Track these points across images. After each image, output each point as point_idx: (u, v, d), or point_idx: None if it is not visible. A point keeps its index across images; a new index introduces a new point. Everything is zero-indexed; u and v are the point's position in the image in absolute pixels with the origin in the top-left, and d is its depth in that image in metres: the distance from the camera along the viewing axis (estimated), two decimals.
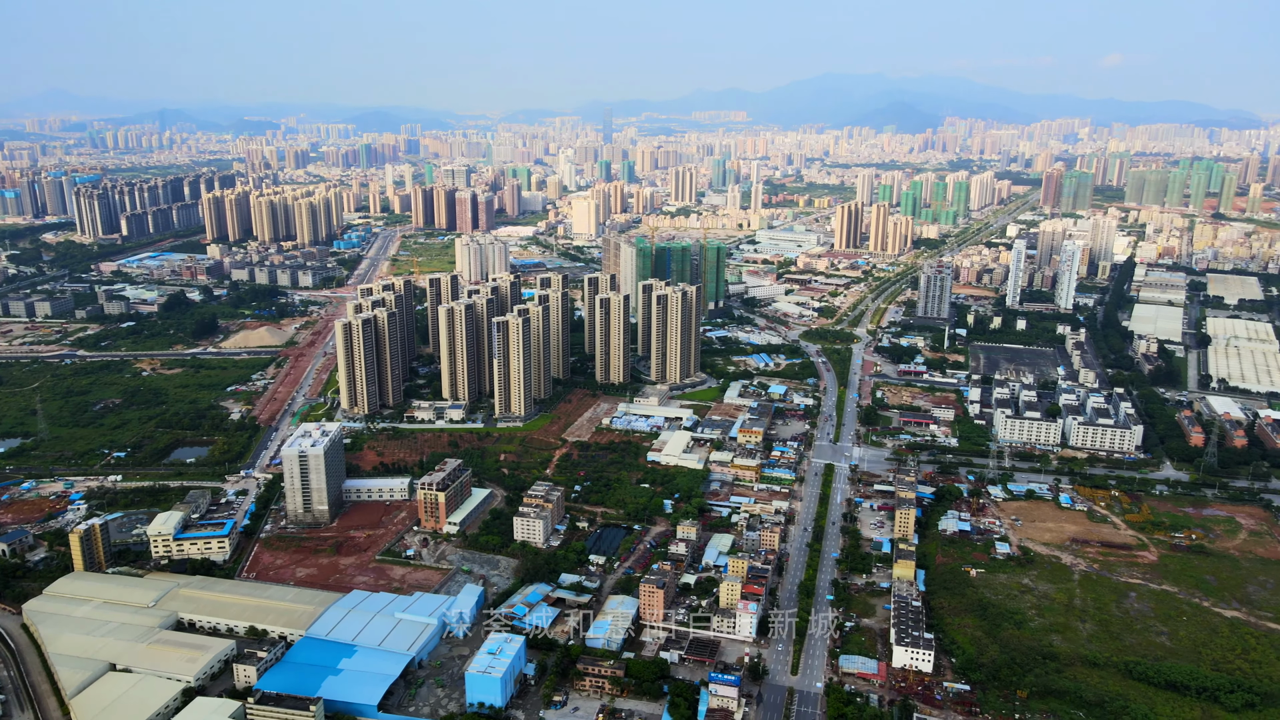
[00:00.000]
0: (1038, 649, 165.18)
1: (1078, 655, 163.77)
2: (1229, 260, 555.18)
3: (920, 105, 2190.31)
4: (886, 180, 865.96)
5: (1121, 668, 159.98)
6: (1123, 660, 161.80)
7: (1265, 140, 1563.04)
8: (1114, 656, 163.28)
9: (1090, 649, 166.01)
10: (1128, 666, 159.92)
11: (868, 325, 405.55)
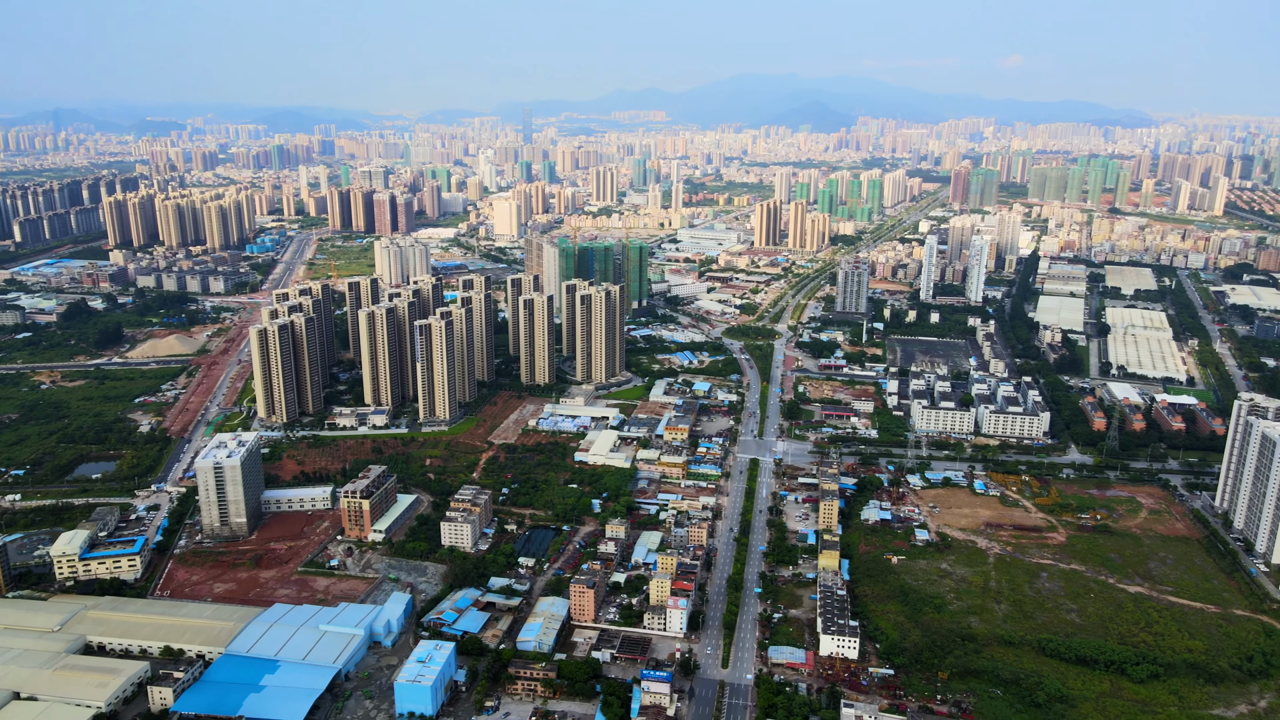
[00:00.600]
0: (957, 631, 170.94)
1: (994, 635, 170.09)
2: (1125, 253, 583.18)
3: (834, 105, 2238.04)
4: (803, 178, 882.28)
5: (1035, 645, 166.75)
6: (1036, 638, 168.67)
7: (1155, 138, 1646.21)
8: (1028, 635, 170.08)
9: (1006, 629, 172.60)
10: (1041, 644, 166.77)
11: (789, 321, 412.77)
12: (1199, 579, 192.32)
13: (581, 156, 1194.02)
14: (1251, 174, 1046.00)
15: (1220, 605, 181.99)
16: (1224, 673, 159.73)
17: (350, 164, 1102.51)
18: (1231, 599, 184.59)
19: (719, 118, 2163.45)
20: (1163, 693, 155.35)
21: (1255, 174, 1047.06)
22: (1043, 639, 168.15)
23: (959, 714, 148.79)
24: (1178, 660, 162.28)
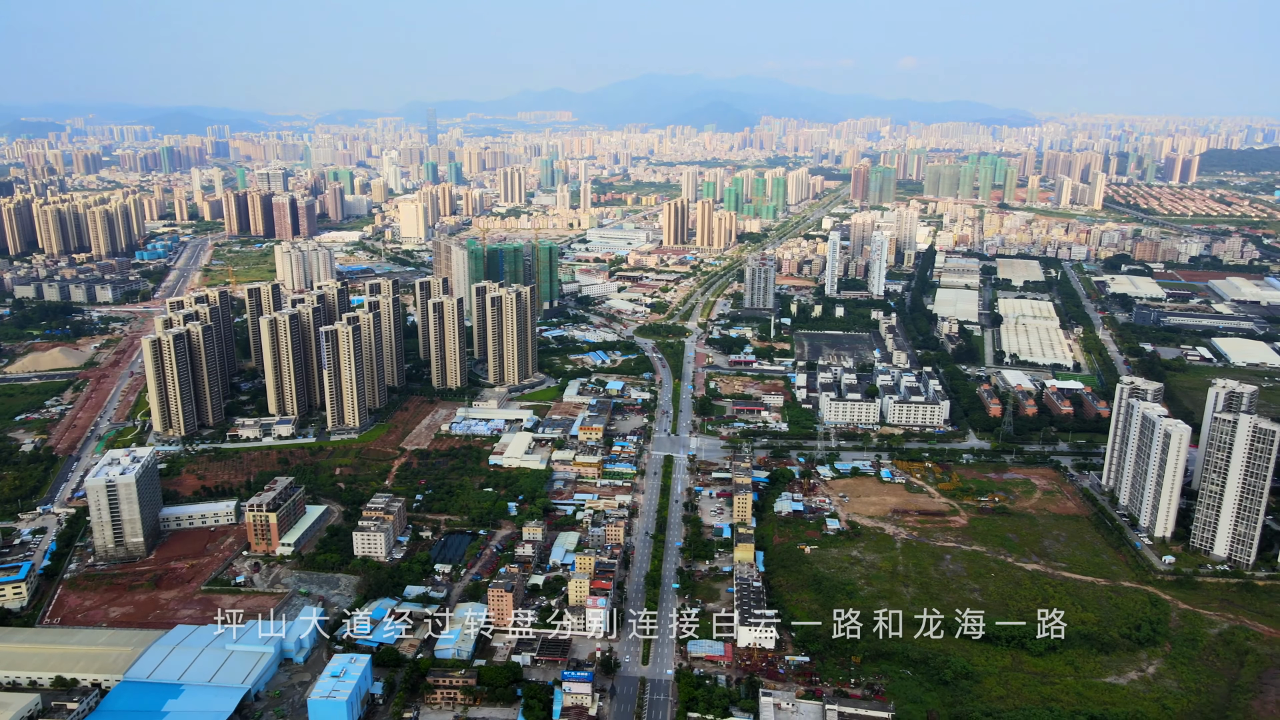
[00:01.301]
0: (868, 616, 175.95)
1: (903, 618, 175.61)
2: (1014, 246, 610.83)
3: (737, 105, 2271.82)
4: (710, 177, 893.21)
5: (943, 625, 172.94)
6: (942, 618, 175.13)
7: (1039, 136, 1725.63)
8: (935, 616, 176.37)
9: (914, 611, 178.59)
10: (949, 624, 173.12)
11: (698, 319, 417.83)
12: (1089, 554, 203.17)
13: (488, 157, 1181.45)
14: (1127, 170, 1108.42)
15: (1109, 578, 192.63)
16: (1115, 642, 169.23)
17: (247, 166, 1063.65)
18: (1119, 572, 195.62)
19: (625, 118, 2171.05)
20: (1060, 664, 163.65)
21: (1130, 170, 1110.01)
22: (948, 618, 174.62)
23: (872, 695, 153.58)
24: (1072, 632, 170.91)
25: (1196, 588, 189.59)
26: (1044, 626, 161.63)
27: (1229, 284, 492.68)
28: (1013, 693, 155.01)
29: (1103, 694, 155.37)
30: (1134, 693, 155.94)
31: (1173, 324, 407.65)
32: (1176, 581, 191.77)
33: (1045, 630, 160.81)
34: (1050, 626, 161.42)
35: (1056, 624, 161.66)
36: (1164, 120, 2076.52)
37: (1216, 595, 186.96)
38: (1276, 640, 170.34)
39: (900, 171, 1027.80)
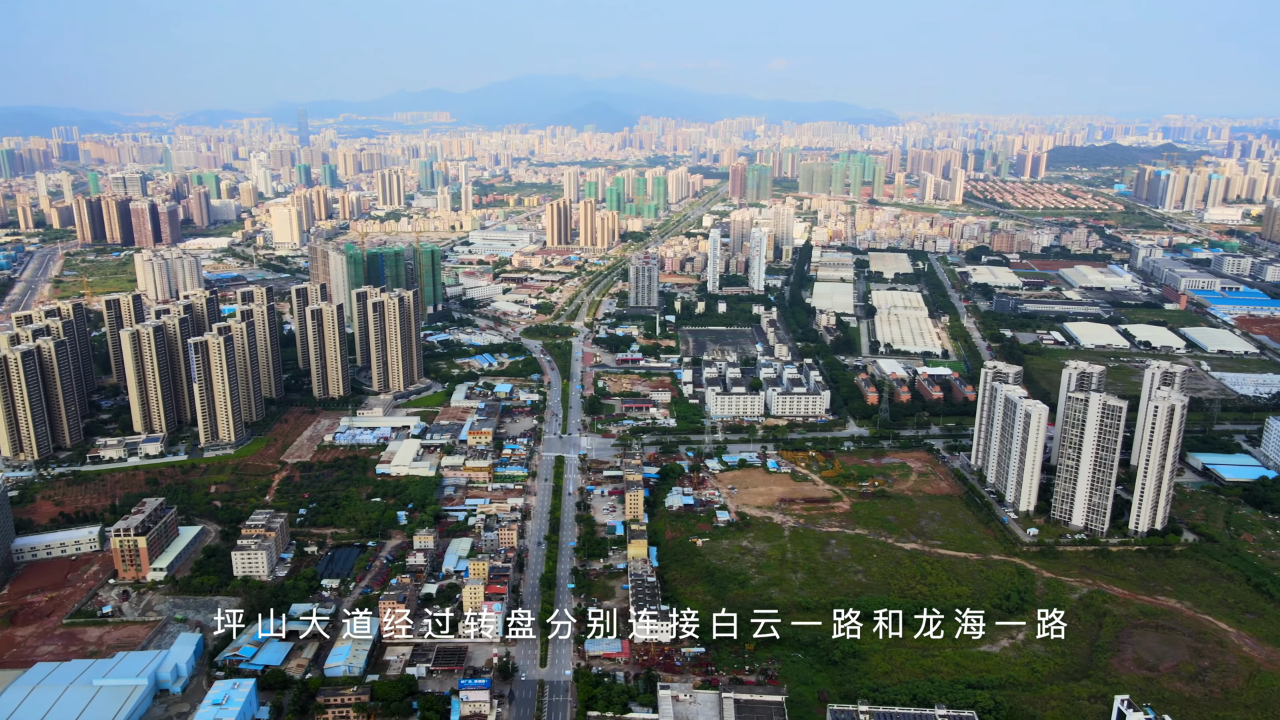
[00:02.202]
0: (760, 603, 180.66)
1: (793, 603, 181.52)
2: (884, 240, 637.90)
3: (616, 105, 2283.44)
4: (591, 177, 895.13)
5: (829, 607, 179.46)
6: (829, 601, 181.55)
7: (903, 135, 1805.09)
8: (822, 599, 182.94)
9: (803, 595, 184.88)
10: (834, 605, 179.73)
11: (585, 318, 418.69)
12: (962, 531, 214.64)
13: (364, 159, 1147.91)
14: (983, 166, 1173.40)
15: (981, 553, 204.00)
16: (987, 612, 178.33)
17: (99, 170, 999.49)
18: (989, 546, 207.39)
19: (505, 118, 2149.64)
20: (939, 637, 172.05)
21: (986, 166, 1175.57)
22: (835, 600, 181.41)
23: (766, 680, 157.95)
24: (948, 606, 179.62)
25: (1058, 557, 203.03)
26: (963, 619, 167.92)
27: (1077, 272, 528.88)
28: (897, 667, 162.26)
29: (978, 662, 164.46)
30: (1006, 659, 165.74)
31: (1029, 311, 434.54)
32: (1040, 552, 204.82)
33: (969, 626, 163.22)
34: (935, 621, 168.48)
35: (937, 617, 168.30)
36: (1015, 120, 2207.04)
37: (1076, 563, 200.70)
38: (1130, 601, 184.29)
39: (776, 169, 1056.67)
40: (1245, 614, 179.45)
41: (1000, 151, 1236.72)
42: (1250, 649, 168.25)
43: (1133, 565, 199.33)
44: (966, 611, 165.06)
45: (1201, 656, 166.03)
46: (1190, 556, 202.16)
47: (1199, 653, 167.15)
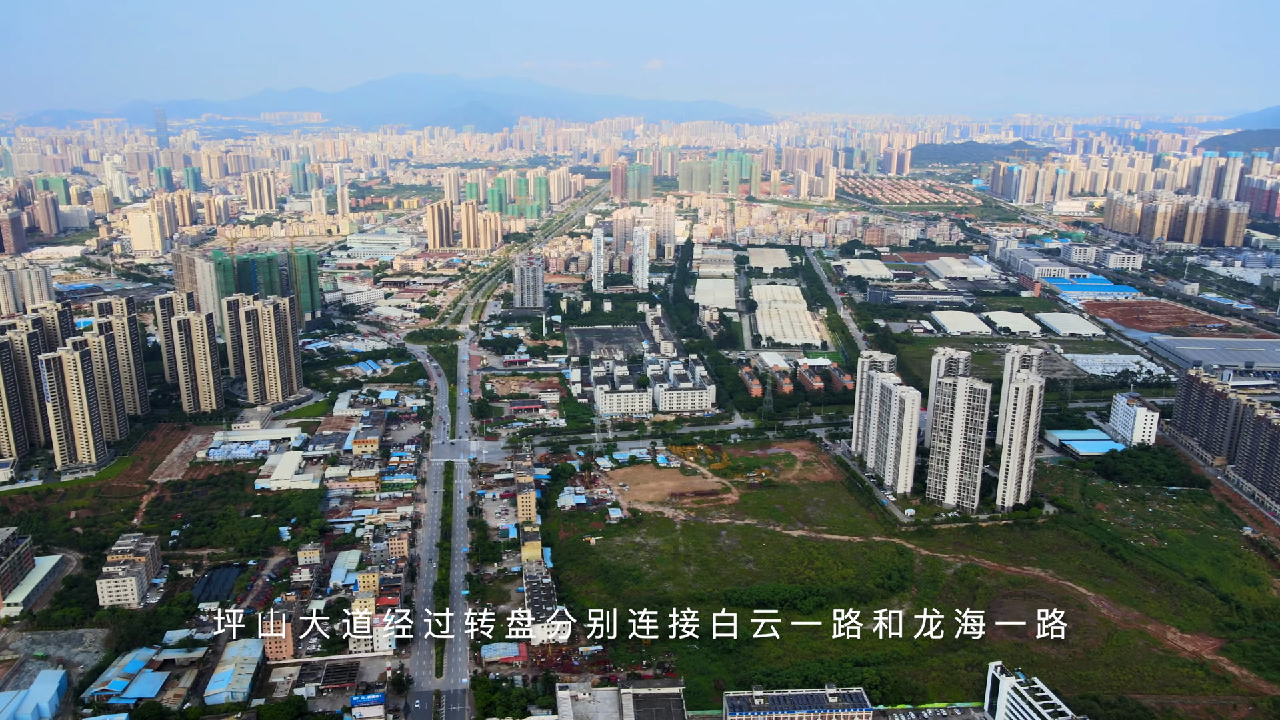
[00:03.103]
0: (655, 598, 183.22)
1: (687, 596, 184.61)
2: (763, 236, 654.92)
3: (495, 105, 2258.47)
4: (472, 178, 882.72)
5: (722, 598, 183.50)
6: (722, 591, 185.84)
7: (777, 134, 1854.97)
8: (715, 590, 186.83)
9: (696, 588, 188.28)
10: (726, 596, 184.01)
11: (470, 321, 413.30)
12: (845, 515, 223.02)
13: (231, 162, 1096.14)
14: (853, 164, 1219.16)
15: (863, 535, 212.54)
16: (871, 592, 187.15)
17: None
18: (871, 528, 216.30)
19: (380, 119, 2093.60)
20: (826, 618, 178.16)
21: (856, 164, 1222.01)
22: (727, 590, 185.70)
23: (663, 674, 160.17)
24: (835, 588, 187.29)
25: (934, 535, 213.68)
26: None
27: (942, 263, 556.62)
28: (789, 651, 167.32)
29: (864, 640, 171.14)
30: (889, 636, 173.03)
31: (900, 301, 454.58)
32: (918, 531, 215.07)
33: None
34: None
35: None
36: (880, 119, 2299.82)
37: (950, 539, 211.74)
38: (1000, 573, 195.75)
39: (656, 168, 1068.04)
40: (1102, 578, 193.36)
41: (868, 149, 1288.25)
42: (1108, 611, 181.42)
43: (1001, 539, 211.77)
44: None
45: (1065, 621, 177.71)
46: (1051, 527, 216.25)
47: (1062, 617, 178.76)
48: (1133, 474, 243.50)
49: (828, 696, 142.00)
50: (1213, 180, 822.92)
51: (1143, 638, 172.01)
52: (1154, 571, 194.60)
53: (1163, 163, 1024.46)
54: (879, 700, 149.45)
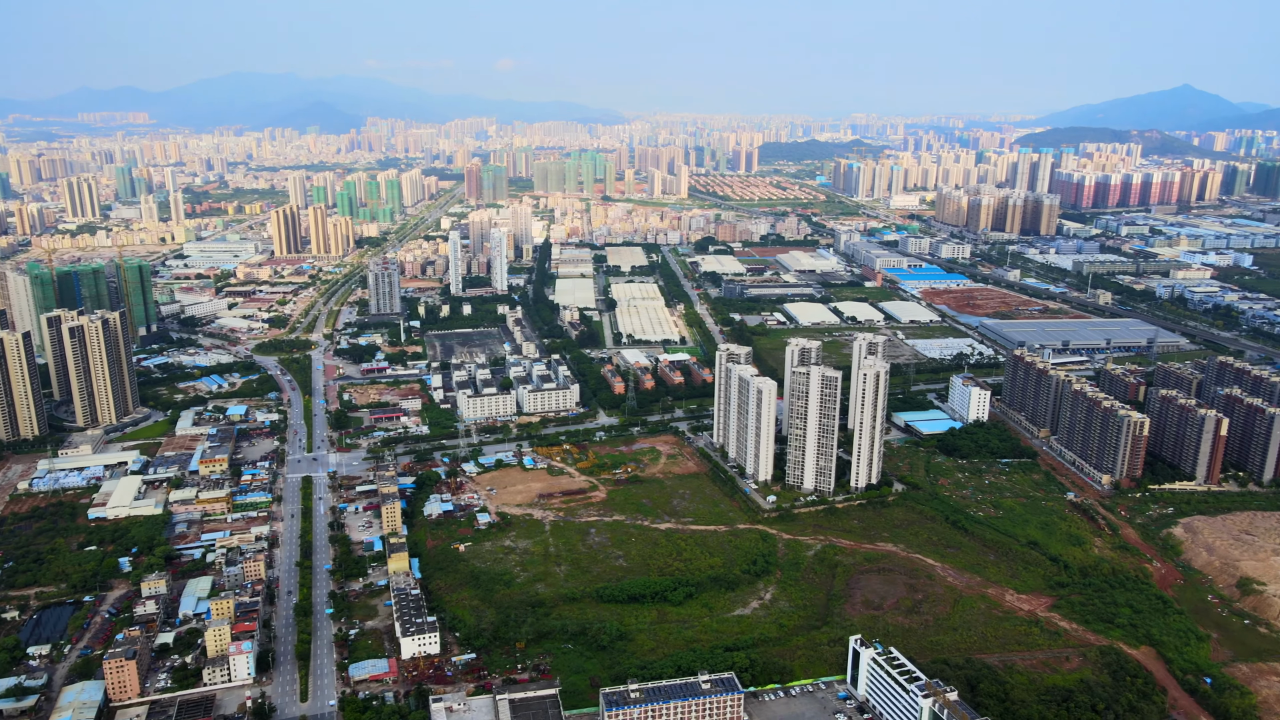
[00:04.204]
0: (527, 600, 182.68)
1: (559, 596, 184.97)
2: (620, 235, 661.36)
3: (340, 106, 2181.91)
4: (319, 182, 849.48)
5: (594, 595, 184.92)
6: (594, 589, 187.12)
7: (630, 134, 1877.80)
8: (587, 588, 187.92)
9: (568, 587, 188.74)
10: (598, 593, 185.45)
11: (324, 329, 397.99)
12: (710, 506, 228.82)
13: (45, 166, 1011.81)
14: (704, 162, 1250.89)
15: (728, 524, 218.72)
16: (738, 579, 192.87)
17: None
18: (735, 517, 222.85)
19: (215, 120, 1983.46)
20: (697, 608, 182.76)
21: (706, 162, 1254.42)
22: (599, 588, 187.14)
23: (539, 676, 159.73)
24: (704, 578, 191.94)
25: (795, 519, 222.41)
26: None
27: (791, 257, 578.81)
28: (661, 643, 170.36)
29: (733, 626, 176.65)
30: (756, 619, 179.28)
31: (754, 295, 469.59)
32: (779, 517, 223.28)
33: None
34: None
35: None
36: (728, 118, 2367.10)
37: (810, 522, 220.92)
38: (856, 551, 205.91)
39: (510, 169, 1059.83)
40: (947, 549, 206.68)
41: (718, 148, 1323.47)
42: (953, 579, 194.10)
43: (856, 518, 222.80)
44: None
45: (916, 591, 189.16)
46: (901, 504, 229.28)
47: (913, 588, 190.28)
48: (970, 449, 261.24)
49: (700, 684, 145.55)
50: (1028, 175, 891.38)
51: (985, 601, 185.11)
52: (992, 539, 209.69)
53: (984, 159, 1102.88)
54: (749, 682, 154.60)
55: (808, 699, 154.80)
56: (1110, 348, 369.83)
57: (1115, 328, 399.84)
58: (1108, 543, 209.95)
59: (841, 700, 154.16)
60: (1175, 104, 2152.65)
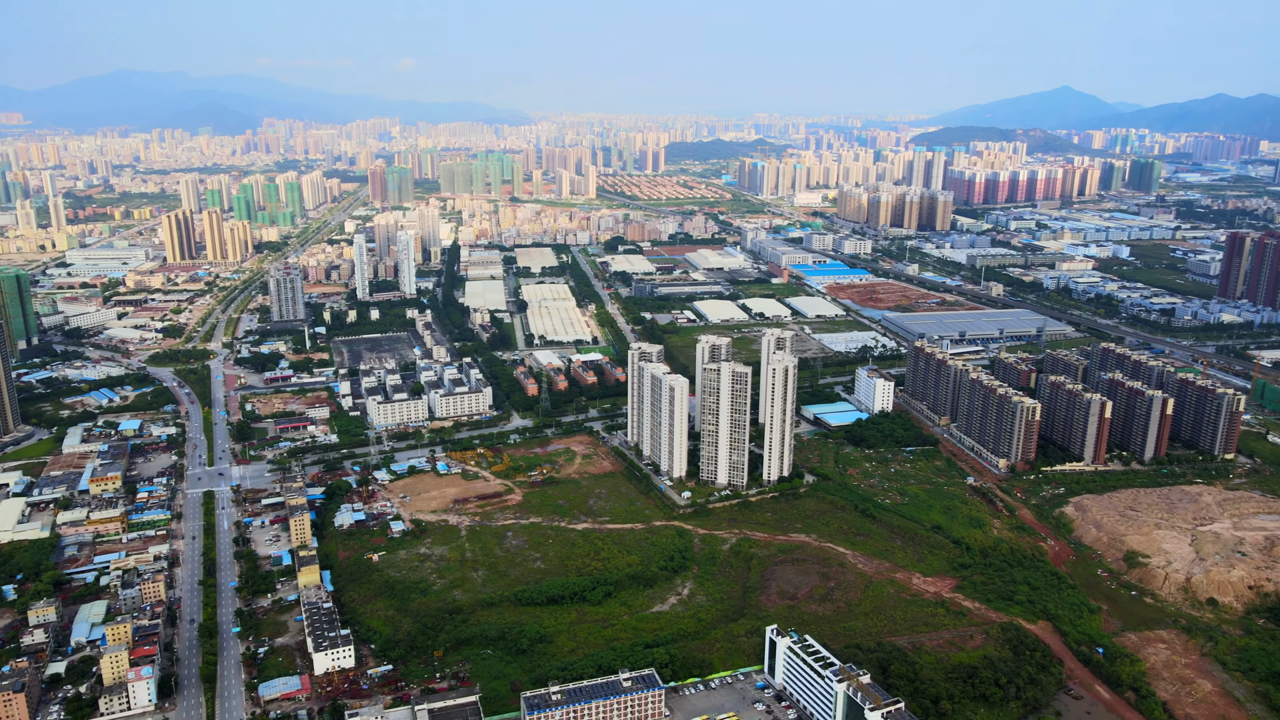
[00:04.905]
0: (445, 608, 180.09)
1: (478, 601, 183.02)
2: (529, 236, 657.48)
3: (234, 106, 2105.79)
4: (214, 185, 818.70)
5: (513, 599, 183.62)
6: (512, 592, 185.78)
7: (537, 134, 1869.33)
8: (505, 592, 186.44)
9: (486, 592, 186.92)
10: (517, 596, 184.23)
11: (223, 338, 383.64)
12: (626, 504, 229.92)
13: None
14: (611, 162, 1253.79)
15: (645, 522, 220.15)
16: (656, 576, 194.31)
17: None
18: (652, 514, 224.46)
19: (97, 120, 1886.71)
20: (616, 607, 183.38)
21: (614, 162, 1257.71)
22: (518, 591, 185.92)
23: (459, 684, 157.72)
24: (622, 576, 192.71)
25: (710, 514, 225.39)
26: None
27: (700, 255, 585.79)
28: (582, 644, 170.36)
29: (652, 623, 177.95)
30: (675, 615, 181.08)
31: (664, 294, 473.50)
32: (695, 512, 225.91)
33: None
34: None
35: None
36: (635, 118, 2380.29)
37: (725, 517, 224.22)
38: (770, 543, 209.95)
39: (416, 171, 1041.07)
40: (857, 537, 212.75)
41: (625, 148, 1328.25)
42: (863, 565, 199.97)
43: (769, 510, 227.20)
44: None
45: (828, 579, 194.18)
46: (812, 495, 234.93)
47: (826, 576, 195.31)
48: (876, 439, 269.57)
49: (621, 682, 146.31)
50: (923, 172, 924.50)
51: (893, 585, 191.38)
52: (899, 525, 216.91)
53: (882, 157, 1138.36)
54: (670, 677, 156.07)
55: (727, 690, 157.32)
56: (1003, 337, 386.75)
57: (1007, 318, 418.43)
58: (1006, 524, 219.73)
59: (760, 690, 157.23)
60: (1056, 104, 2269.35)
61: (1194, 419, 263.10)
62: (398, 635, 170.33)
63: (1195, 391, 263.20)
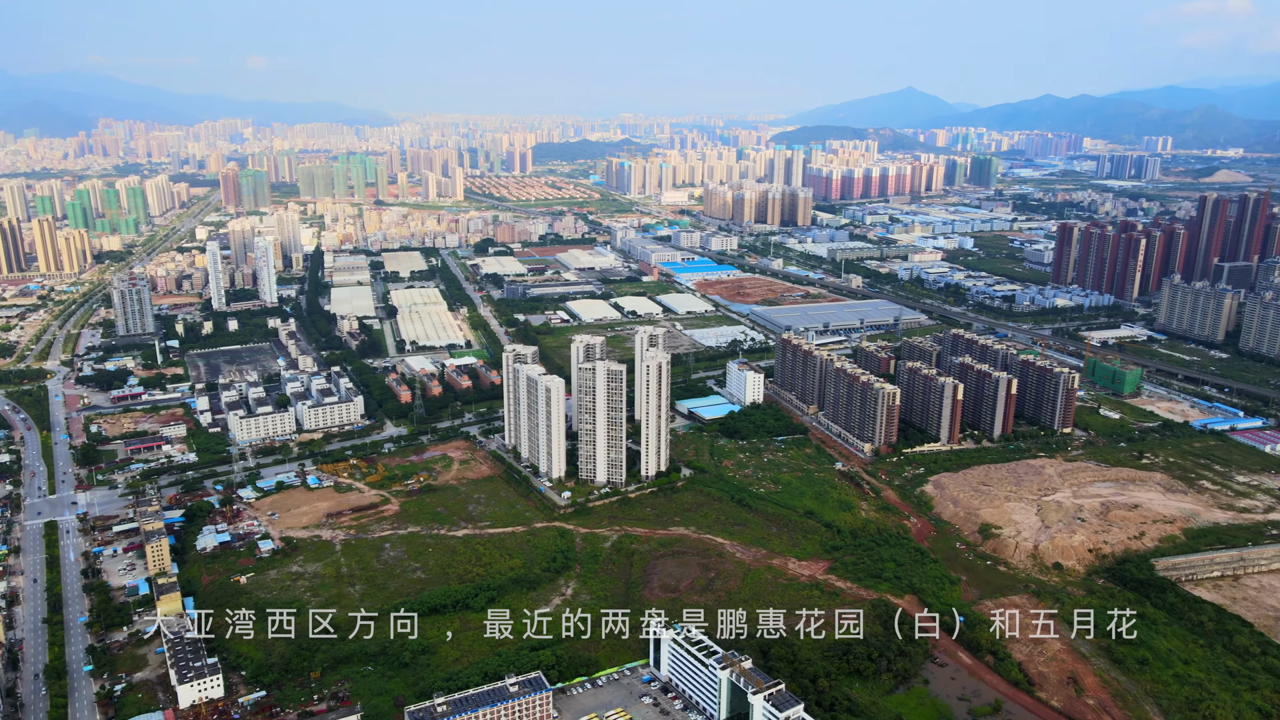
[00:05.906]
0: (320, 627, 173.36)
1: (356, 617, 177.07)
2: (396, 240, 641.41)
3: (64, 106, 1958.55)
4: (44, 191, 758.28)
5: (393, 612, 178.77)
6: (391, 605, 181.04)
7: (400, 135, 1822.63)
8: (385, 605, 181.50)
9: (364, 607, 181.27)
10: (397, 609, 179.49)
11: (61, 356, 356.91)
12: (506, 508, 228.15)
13: None
14: (478, 164, 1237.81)
15: (526, 524, 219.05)
16: (539, 578, 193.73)
17: None
18: (533, 516, 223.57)
19: None
20: (500, 611, 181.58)
21: (481, 163, 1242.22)
22: (397, 604, 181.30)
23: (339, 704, 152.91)
24: (505, 580, 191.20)
25: (590, 513, 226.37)
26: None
27: (571, 255, 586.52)
28: (466, 652, 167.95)
29: (537, 625, 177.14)
30: (559, 615, 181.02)
31: (536, 295, 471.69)
32: (575, 512, 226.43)
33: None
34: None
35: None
36: (500, 119, 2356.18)
37: (605, 515, 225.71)
38: (651, 538, 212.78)
39: (272, 174, 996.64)
40: (734, 527, 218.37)
41: (491, 149, 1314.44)
42: (741, 554, 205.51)
43: (649, 506, 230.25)
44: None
45: (708, 570, 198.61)
46: (689, 489, 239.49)
47: (706, 567, 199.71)
48: (749, 430, 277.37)
49: (508, 687, 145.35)
50: (784, 170, 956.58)
51: (771, 571, 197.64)
52: (774, 513, 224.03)
53: (744, 156, 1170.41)
54: (557, 678, 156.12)
55: (614, 687, 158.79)
56: (863, 327, 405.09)
57: (866, 308, 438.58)
58: (872, 505, 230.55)
59: (646, 683, 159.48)
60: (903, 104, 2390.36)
61: (1035, 397, 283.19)
62: (270, 659, 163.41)
63: (1035, 371, 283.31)
